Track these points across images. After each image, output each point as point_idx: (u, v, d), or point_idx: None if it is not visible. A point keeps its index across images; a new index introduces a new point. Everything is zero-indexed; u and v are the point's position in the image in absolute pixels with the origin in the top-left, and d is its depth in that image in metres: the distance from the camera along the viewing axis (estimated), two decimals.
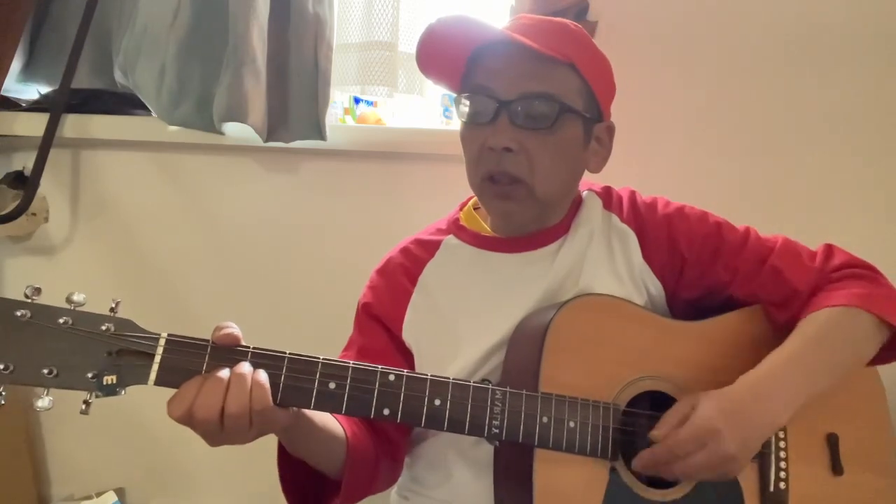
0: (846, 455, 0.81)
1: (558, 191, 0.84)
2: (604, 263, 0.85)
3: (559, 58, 0.78)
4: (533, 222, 0.86)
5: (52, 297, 0.61)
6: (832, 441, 0.82)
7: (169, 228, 1.40)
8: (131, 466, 1.42)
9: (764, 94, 1.31)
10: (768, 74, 1.31)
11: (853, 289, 0.80)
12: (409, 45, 1.31)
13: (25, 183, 1.33)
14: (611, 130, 0.87)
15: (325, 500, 0.78)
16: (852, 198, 1.30)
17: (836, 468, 0.81)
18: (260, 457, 1.38)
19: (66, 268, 1.42)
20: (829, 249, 0.86)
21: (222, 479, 1.42)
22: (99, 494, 1.38)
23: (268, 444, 1.46)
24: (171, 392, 0.62)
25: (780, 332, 0.82)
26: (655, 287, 0.86)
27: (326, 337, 0.98)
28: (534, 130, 0.78)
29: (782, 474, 0.78)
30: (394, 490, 0.92)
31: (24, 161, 1.38)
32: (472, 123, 0.82)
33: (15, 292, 1.54)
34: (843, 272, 0.83)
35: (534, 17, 0.83)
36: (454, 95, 0.86)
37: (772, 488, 0.77)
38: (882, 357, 0.81)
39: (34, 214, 1.37)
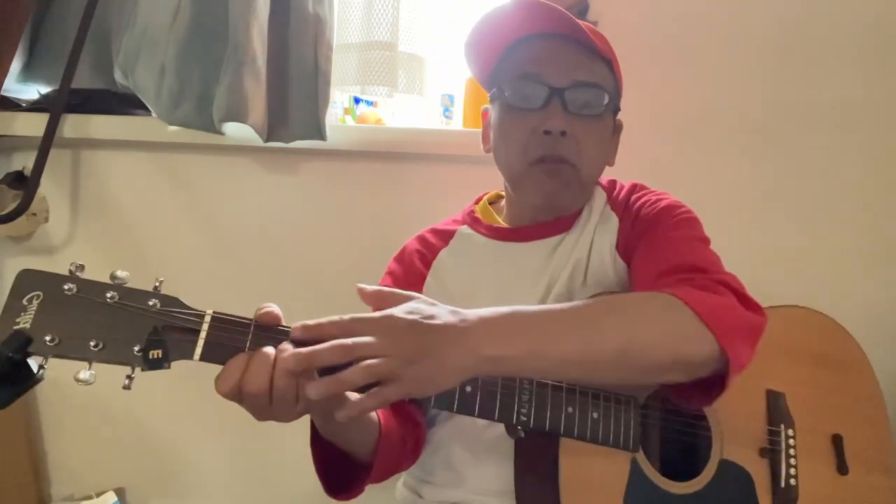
0: (851, 455, 0.84)
1: (596, 177, 0.90)
2: (585, 249, 0.86)
3: (603, 53, 0.83)
4: (569, 207, 0.89)
5: None
6: (837, 442, 0.84)
7: (169, 228, 1.40)
8: (131, 466, 1.42)
9: (764, 94, 1.31)
10: (768, 74, 1.31)
11: (707, 294, 0.69)
12: (409, 45, 1.31)
13: (25, 183, 1.32)
14: (621, 127, 0.93)
15: (355, 479, 0.80)
16: (852, 196, 1.30)
17: (842, 468, 0.83)
18: (258, 457, 1.39)
19: (67, 268, 1.41)
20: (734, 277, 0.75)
21: (222, 480, 1.42)
22: (99, 494, 1.37)
23: (267, 446, 1.46)
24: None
25: (808, 332, 0.86)
26: (623, 267, 0.86)
27: None
28: (583, 117, 0.82)
29: (792, 471, 0.80)
30: (399, 481, 0.94)
31: (24, 161, 1.38)
32: (518, 109, 0.84)
33: None
34: (724, 285, 0.71)
35: (569, 14, 0.83)
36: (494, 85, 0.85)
37: (783, 484, 0.79)
38: (705, 393, 0.70)
39: (34, 214, 1.37)
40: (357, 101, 1.47)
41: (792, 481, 0.79)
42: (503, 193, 0.98)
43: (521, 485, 0.77)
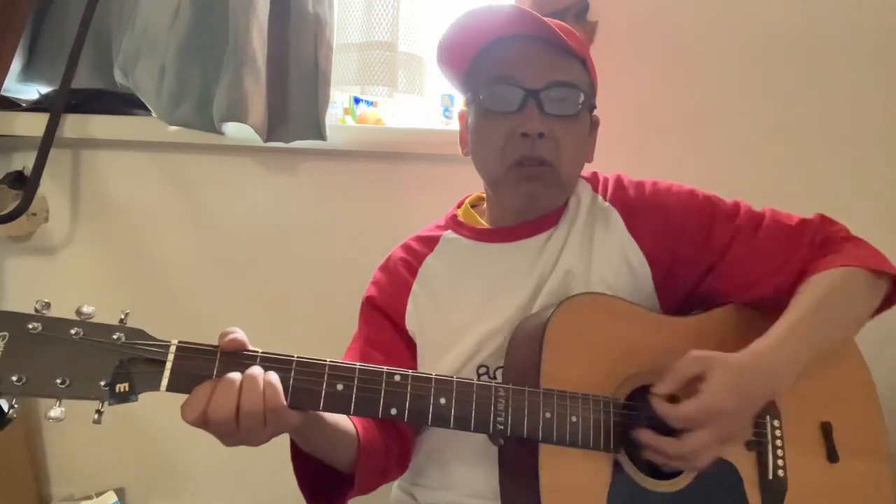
0: (840, 443, 0.82)
1: (576, 175, 0.89)
2: (580, 245, 0.86)
3: (577, 52, 0.83)
4: (550, 206, 0.89)
5: (52, 297, 0.61)
6: (826, 429, 0.83)
7: (169, 228, 1.40)
8: (131, 466, 1.42)
9: (763, 94, 1.31)
10: (768, 74, 1.31)
11: (846, 250, 0.82)
12: (409, 45, 1.31)
13: (25, 183, 1.33)
14: (597, 123, 0.92)
15: (339, 492, 0.80)
16: (851, 196, 1.30)
17: (832, 455, 0.82)
18: (259, 457, 1.39)
19: (66, 268, 1.42)
20: (821, 218, 0.88)
21: (222, 480, 1.42)
22: (99, 494, 1.38)
23: (267, 446, 1.46)
24: (180, 394, 0.62)
25: (769, 313, 0.84)
26: (639, 260, 0.86)
27: (326, 336, 0.98)
28: (560, 118, 0.82)
29: (780, 462, 0.79)
30: (395, 483, 0.94)
31: (24, 161, 1.38)
32: (494, 112, 0.83)
33: (15, 292, 1.54)
34: (835, 237, 0.85)
35: (539, 16, 0.84)
36: (459, 89, 0.87)
37: (770, 476, 0.78)
38: (883, 307, 0.84)
39: (34, 214, 1.37)
40: (357, 101, 1.47)
41: (780, 472, 0.78)
42: (484, 195, 0.97)
43: (506, 491, 0.76)
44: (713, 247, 0.86)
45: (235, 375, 0.61)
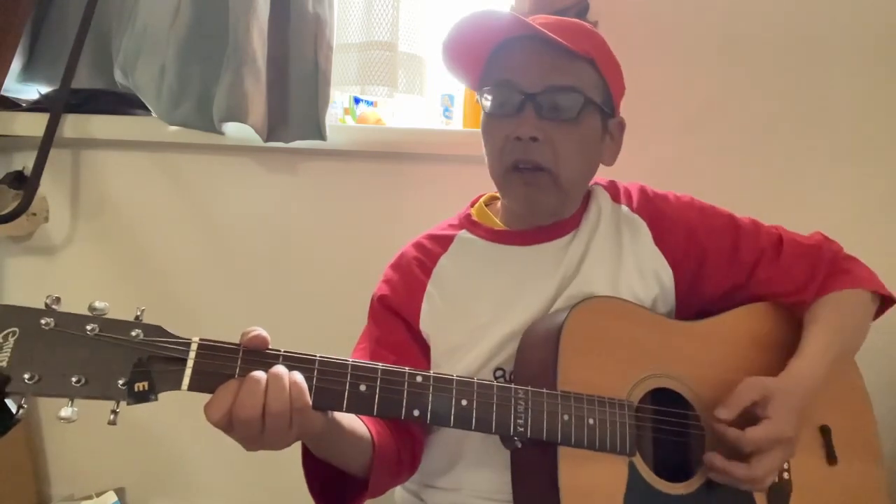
0: (838, 445, 0.84)
1: (579, 180, 0.87)
2: (608, 254, 0.86)
3: (581, 53, 0.81)
4: (554, 212, 0.88)
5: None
6: (825, 432, 0.85)
7: (169, 228, 1.40)
8: (131, 466, 1.43)
9: (763, 94, 1.31)
10: (768, 74, 1.31)
11: (851, 270, 0.89)
12: (409, 45, 1.31)
13: (25, 183, 1.33)
14: (622, 126, 0.90)
15: (351, 496, 0.79)
16: (850, 196, 1.30)
17: (831, 457, 0.84)
18: (258, 457, 1.39)
19: (66, 268, 1.42)
20: (823, 237, 0.93)
21: (222, 480, 1.42)
22: (99, 494, 1.38)
23: None
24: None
25: (779, 323, 0.87)
26: (667, 274, 0.87)
27: (325, 336, 0.98)
28: (558, 122, 0.81)
29: (785, 465, 0.80)
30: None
31: (24, 161, 1.38)
32: (495, 115, 0.83)
33: (15, 292, 1.54)
34: (839, 256, 0.91)
35: (551, 17, 0.84)
36: (469, 90, 0.87)
37: (777, 479, 0.79)
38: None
39: (34, 214, 1.37)
40: (357, 101, 1.47)
41: (785, 475, 0.80)
42: (498, 195, 0.96)
43: (520, 495, 0.76)
44: (739, 267, 0.88)
45: (260, 374, 0.60)
